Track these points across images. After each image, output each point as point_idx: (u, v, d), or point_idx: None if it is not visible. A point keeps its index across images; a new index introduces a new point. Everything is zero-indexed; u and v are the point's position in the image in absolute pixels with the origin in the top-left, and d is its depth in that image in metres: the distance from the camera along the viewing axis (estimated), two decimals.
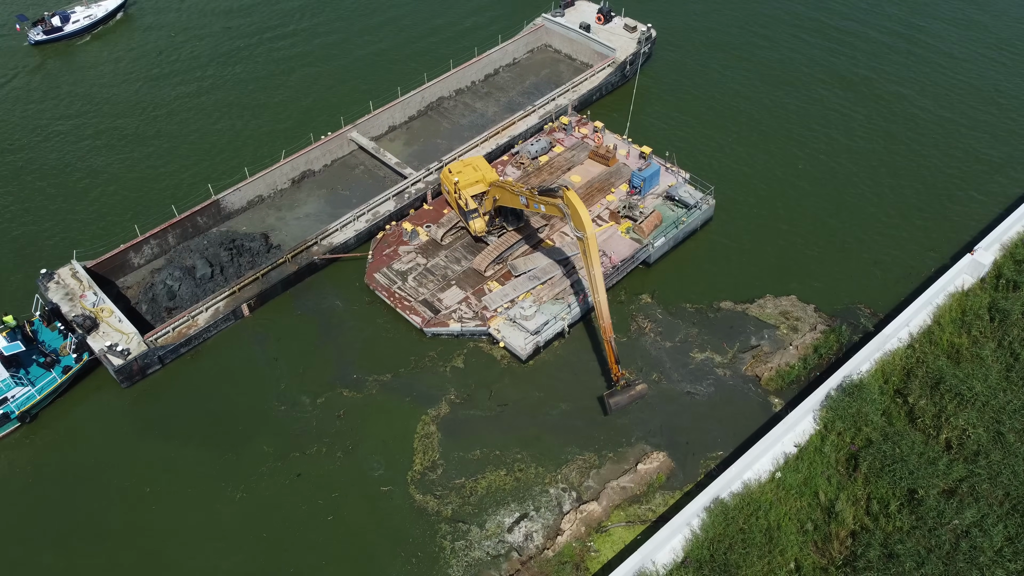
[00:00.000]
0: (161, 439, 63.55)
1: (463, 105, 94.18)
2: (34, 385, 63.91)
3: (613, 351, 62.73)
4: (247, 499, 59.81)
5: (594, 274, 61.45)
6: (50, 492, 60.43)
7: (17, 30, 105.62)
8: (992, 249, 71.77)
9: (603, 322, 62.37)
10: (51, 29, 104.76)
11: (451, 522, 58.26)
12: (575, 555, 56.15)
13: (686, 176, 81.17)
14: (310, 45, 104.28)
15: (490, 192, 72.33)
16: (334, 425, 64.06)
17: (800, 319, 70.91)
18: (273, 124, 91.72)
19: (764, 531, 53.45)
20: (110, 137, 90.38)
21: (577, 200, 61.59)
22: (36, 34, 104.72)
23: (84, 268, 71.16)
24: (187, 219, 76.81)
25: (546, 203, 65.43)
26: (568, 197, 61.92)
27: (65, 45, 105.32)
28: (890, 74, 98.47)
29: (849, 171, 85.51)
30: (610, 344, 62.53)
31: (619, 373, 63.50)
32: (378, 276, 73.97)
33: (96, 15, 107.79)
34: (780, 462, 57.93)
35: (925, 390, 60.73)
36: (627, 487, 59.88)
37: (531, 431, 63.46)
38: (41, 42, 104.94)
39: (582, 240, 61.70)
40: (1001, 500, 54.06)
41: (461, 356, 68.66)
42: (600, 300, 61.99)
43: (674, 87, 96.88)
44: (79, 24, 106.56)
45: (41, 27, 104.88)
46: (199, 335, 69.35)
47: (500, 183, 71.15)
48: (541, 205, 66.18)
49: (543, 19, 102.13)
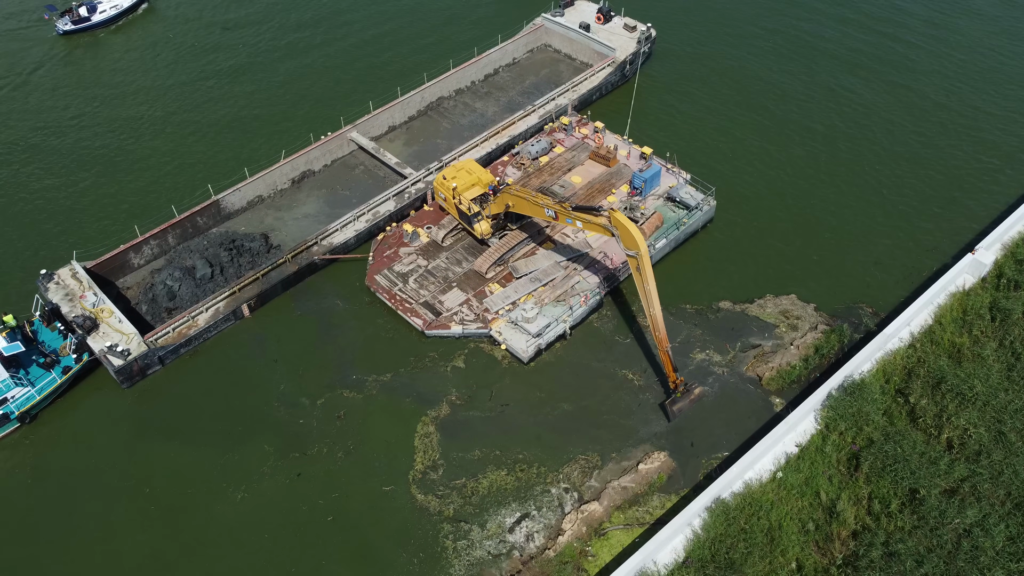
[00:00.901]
0: (161, 439, 63.48)
1: (463, 105, 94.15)
2: (34, 385, 63.83)
3: (670, 360, 63.02)
4: (248, 499, 59.75)
5: (649, 289, 61.43)
6: (50, 492, 60.36)
7: (45, 19, 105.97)
8: (993, 248, 71.73)
9: (659, 334, 62.56)
10: (79, 19, 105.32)
11: (453, 522, 58.21)
12: (576, 555, 56.11)
13: (687, 177, 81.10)
14: (311, 44, 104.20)
15: (500, 198, 71.51)
16: (334, 425, 64.00)
17: (801, 318, 70.88)
18: (273, 124, 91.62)
19: (765, 531, 53.42)
20: (110, 137, 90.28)
21: (625, 220, 61.15)
22: (64, 24, 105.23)
23: (84, 268, 71.09)
24: (187, 219, 76.73)
25: (584, 220, 64.62)
26: (616, 218, 61.39)
27: (91, 36, 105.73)
28: (891, 73, 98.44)
29: (850, 170, 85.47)
30: (667, 354, 62.82)
31: (678, 380, 63.79)
32: (379, 278, 73.89)
33: (122, 5, 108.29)
34: (781, 462, 57.88)
35: (926, 390, 60.69)
36: (628, 487, 59.83)
37: (532, 431, 63.42)
38: (69, 32, 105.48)
39: (634, 258, 61.40)
40: (1003, 500, 54.03)
41: (462, 356, 68.59)
42: (655, 314, 61.95)
43: (674, 87, 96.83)
44: (106, 14, 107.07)
45: (69, 17, 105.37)
46: (199, 335, 69.28)
47: (517, 191, 69.81)
48: (577, 222, 65.44)
49: (543, 19, 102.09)
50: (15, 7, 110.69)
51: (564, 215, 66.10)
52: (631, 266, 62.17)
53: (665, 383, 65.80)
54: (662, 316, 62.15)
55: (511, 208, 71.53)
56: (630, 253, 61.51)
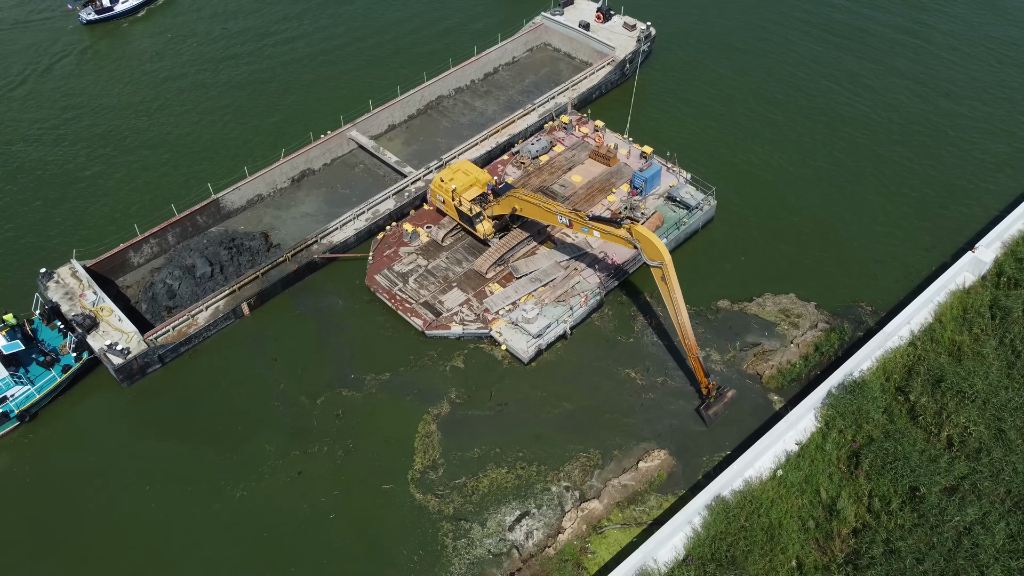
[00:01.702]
0: (161, 438, 63.47)
1: (463, 104, 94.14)
2: (34, 384, 63.81)
3: (701, 366, 63.29)
4: (247, 497, 59.75)
5: (675, 298, 61.63)
6: (49, 491, 60.34)
7: (68, 10, 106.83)
8: (993, 247, 71.74)
9: (688, 341, 62.87)
10: (102, 9, 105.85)
11: (453, 520, 58.20)
12: (576, 553, 56.10)
13: (687, 176, 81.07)
14: (311, 44, 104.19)
15: (507, 201, 71.08)
16: (334, 424, 63.98)
17: (801, 316, 70.89)
18: (273, 123, 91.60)
19: (765, 529, 53.41)
20: (111, 136, 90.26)
21: (647, 232, 61.25)
22: (88, 14, 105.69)
23: (84, 267, 71.06)
24: (187, 218, 76.73)
25: (603, 231, 64.44)
26: (637, 231, 61.54)
27: (114, 25, 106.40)
28: (891, 72, 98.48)
29: (850, 169, 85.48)
30: (697, 360, 63.10)
31: (711, 385, 63.95)
32: (379, 278, 73.84)
33: None
34: (781, 460, 57.87)
35: (926, 388, 60.69)
36: (628, 485, 59.83)
37: (533, 430, 63.40)
38: (92, 22, 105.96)
39: (659, 269, 61.44)
40: (1003, 498, 54.03)
41: (462, 356, 68.57)
42: (683, 322, 62.16)
43: (673, 85, 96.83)
44: (128, 4, 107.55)
45: (92, 6, 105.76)
46: (199, 334, 69.27)
47: (527, 196, 69.26)
48: (595, 232, 65.29)
49: (542, 17, 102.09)
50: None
51: (580, 224, 65.74)
52: (655, 276, 62.32)
53: (667, 383, 65.79)
54: (690, 323, 62.47)
55: (518, 212, 71.26)
56: (654, 264, 61.60)
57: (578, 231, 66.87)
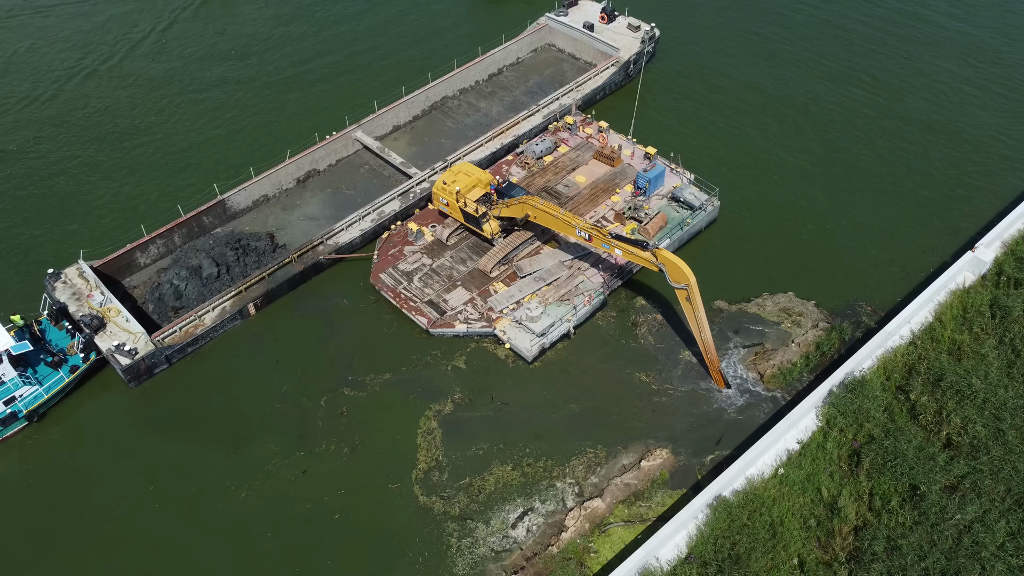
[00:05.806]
0: (167, 438, 63.96)
1: (467, 104, 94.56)
2: (41, 384, 64.28)
3: (723, 378, 65.63)
4: (253, 497, 60.22)
5: (699, 317, 63.18)
6: (57, 490, 60.87)
7: None
8: (993, 246, 71.99)
9: (710, 356, 64.93)
10: None
11: (458, 519, 58.61)
12: (579, 551, 56.52)
13: (691, 177, 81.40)
14: (314, 44, 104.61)
15: (519, 207, 70.93)
16: (339, 423, 64.45)
17: (802, 315, 71.26)
18: (277, 123, 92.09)
19: (767, 527, 53.74)
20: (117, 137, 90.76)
21: (673, 256, 62.38)
22: None
23: (91, 268, 71.61)
24: (193, 219, 77.26)
25: (627, 251, 64.95)
26: (662, 255, 62.55)
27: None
28: (892, 71, 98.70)
29: (851, 169, 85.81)
30: (720, 373, 65.42)
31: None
32: (384, 277, 74.33)
33: None
34: (783, 459, 58.22)
35: (927, 387, 61.01)
36: (631, 483, 60.26)
37: (534, 429, 63.82)
38: None
39: (684, 291, 62.59)
40: (1003, 496, 54.33)
41: (464, 355, 69.02)
42: (707, 339, 63.99)
43: (678, 86, 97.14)
44: None
45: None
46: (206, 334, 69.77)
47: (542, 206, 68.96)
48: (617, 251, 65.76)
49: (546, 18, 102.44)
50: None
51: (600, 241, 66.15)
52: (680, 297, 63.51)
53: (668, 383, 66.25)
54: (712, 340, 64.23)
55: (532, 219, 71.45)
56: (680, 286, 62.53)
57: (598, 247, 67.33)
